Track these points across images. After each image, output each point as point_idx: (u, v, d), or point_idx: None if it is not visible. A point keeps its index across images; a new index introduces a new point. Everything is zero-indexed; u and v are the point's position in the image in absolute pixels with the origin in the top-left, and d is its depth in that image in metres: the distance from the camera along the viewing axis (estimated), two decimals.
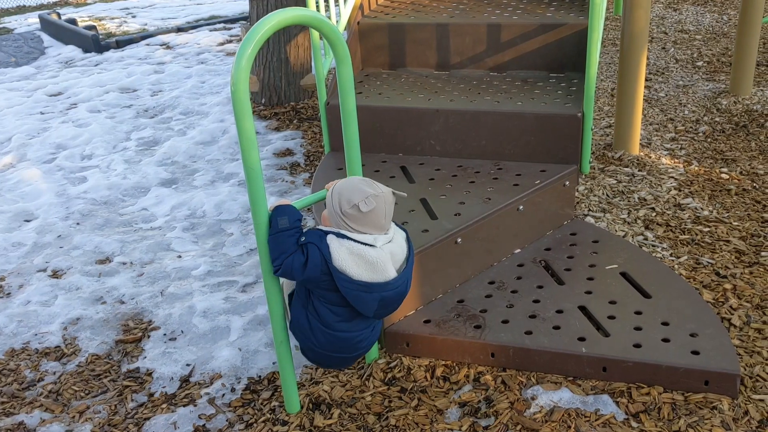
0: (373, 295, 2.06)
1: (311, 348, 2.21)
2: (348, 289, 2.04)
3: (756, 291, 2.77)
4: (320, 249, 2.02)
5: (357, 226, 2.05)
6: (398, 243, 2.13)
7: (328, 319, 2.13)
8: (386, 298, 2.08)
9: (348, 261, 2.02)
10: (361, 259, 2.03)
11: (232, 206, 3.90)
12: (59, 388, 2.63)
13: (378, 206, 2.05)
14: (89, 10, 10.31)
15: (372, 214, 2.04)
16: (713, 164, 3.82)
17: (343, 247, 2.03)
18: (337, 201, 2.07)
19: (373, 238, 2.06)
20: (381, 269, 2.04)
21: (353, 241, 2.04)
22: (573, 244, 3.05)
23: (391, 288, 2.08)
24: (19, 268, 3.46)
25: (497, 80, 3.76)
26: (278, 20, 1.97)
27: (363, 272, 2.03)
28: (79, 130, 5.18)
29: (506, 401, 2.34)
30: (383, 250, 2.05)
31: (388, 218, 2.10)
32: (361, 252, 2.02)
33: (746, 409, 2.22)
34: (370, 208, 2.03)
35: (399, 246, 2.13)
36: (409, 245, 2.18)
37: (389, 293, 2.08)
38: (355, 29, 4.00)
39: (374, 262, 2.03)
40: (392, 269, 2.07)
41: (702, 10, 6.99)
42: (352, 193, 2.05)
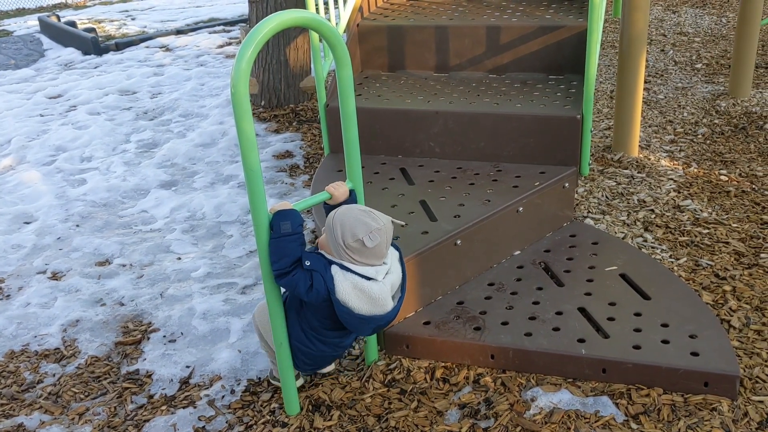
0: (370, 325, 2.13)
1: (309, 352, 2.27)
2: (346, 319, 2.10)
3: (755, 293, 2.77)
4: (324, 279, 2.05)
5: (360, 258, 2.08)
6: (395, 270, 2.18)
7: (321, 329, 2.22)
8: (381, 324, 2.16)
9: (351, 295, 2.06)
10: (364, 294, 2.07)
11: (231, 208, 3.90)
12: (59, 390, 2.63)
13: (381, 239, 2.07)
14: (89, 13, 10.32)
15: (376, 248, 2.07)
16: (712, 166, 3.82)
17: (348, 281, 2.06)
18: (339, 233, 2.08)
19: (375, 270, 2.10)
20: (381, 303, 2.10)
21: (357, 275, 2.07)
22: (572, 245, 3.06)
23: (386, 318, 2.15)
24: (19, 270, 3.46)
25: (496, 82, 3.77)
26: (278, 22, 1.97)
27: (364, 306, 2.08)
28: (78, 132, 5.18)
29: (506, 403, 2.34)
30: (384, 284, 2.10)
31: (388, 248, 2.15)
32: (364, 287, 2.06)
33: (746, 411, 2.22)
34: (375, 243, 2.05)
35: (396, 273, 2.17)
36: (402, 266, 2.22)
37: (383, 322, 2.16)
38: (354, 31, 4.01)
39: (376, 298, 2.08)
40: (391, 301, 2.13)
41: (701, 13, 7.00)
42: (355, 227, 2.06)
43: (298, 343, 2.25)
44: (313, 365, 2.36)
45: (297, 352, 2.27)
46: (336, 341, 2.28)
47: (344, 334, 2.26)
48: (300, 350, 2.26)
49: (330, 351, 2.30)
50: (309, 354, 2.27)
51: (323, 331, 2.23)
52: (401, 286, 2.20)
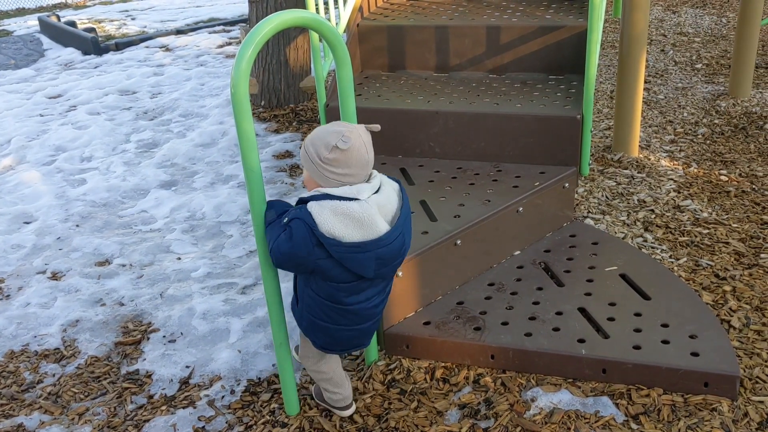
0: (368, 255, 1.94)
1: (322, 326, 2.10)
2: (341, 253, 1.92)
3: (755, 293, 2.77)
4: (304, 220, 1.90)
5: (342, 169, 1.94)
6: (386, 194, 2.00)
7: (336, 297, 2.04)
8: (382, 255, 1.97)
9: (333, 222, 1.89)
10: (347, 218, 1.90)
11: (231, 208, 3.90)
12: (58, 390, 2.63)
13: (355, 141, 1.93)
14: (88, 13, 10.32)
15: (353, 150, 1.92)
16: (712, 166, 3.82)
17: (325, 209, 1.90)
18: (314, 151, 1.95)
19: (357, 189, 1.93)
20: (369, 224, 1.91)
21: (335, 198, 1.91)
22: (572, 245, 3.05)
23: (384, 244, 1.95)
24: (19, 270, 3.46)
25: (496, 82, 3.77)
26: (278, 22, 1.97)
27: (352, 231, 1.91)
28: (78, 132, 5.18)
29: (506, 403, 2.34)
30: (368, 203, 1.92)
31: (370, 152, 1.98)
32: (345, 209, 1.89)
33: (746, 411, 2.22)
34: (349, 145, 1.91)
35: (387, 197, 1.99)
36: (402, 196, 2.05)
37: (384, 250, 1.96)
38: (354, 31, 4.01)
39: (360, 219, 1.90)
40: (382, 222, 1.94)
41: (701, 13, 7.00)
42: (326, 137, 1.95)
43: (312, 317, 2.10)
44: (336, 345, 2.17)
45: (314, 328, 2.12)
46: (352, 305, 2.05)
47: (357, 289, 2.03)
48: (316, 325, 2.10)
49: (344, 321, 2.08)
50: (324, 329, 2.10)
51: (337, 295, 2.03)
52: (401, 212, 2.01)
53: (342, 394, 2.33)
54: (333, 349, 2.19)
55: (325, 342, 2.15)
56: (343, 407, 2.35)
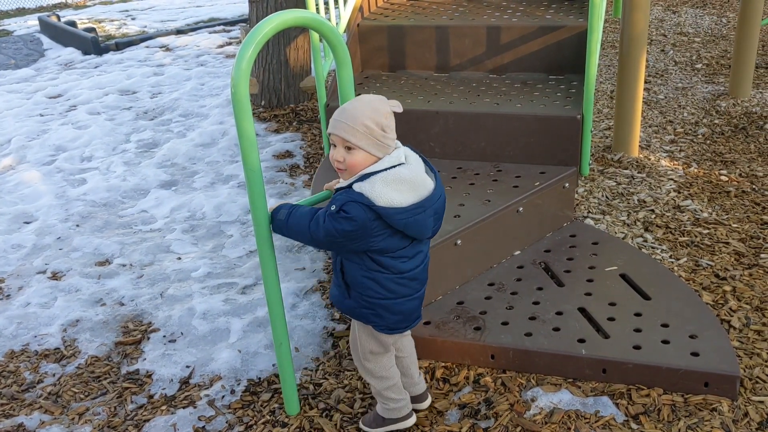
0: (428, 212, 1.95)
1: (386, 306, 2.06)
2: (404, 219, 1.90)
3: (755, 293, 2.77)
4: (357, 201, 1.87)
5: (393, 133, 1.94)
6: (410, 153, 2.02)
7: (396, 267, 2.01)
8: (438, 209, 1.99)
9: (389, 192, 1.87)
10: (400, 183, 1.89)
11: (231, 208, 3.90)
12: (59, 390, 2.63)
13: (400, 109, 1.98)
14: (89, 13, 10.32)
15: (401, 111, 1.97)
16: (712, 166, 3.82)
17: (376, 183, 1.87)
18: (373, 123, 1.90)
19: (395, 156, 1.93)
20: (421, 183, 1.92)
21: (380, 171, 1.90)
22: (572, 245, 3.06)
23: (437, 197, 1.97)
24: (19, 270, 3.46)
25: (497, 82, 3.77)
26: (278, 22, 1.97)
27: (408, 195, 1.90)
28: (78, 132, 5.18)
29: (506, 403, 2.34)
30: (410, 162, 1.95)
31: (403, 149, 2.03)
32: (395, 176, 1.89)
33: (746, 411, 2.22)
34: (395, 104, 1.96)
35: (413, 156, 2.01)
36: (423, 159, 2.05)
37: (438, 204, 1.98)
38: (354, 31, 4.01)
39: (413, 180, 1.90)
40: (428, 178, 1.95)
41: (701, 13, 7.00)
42: (375, 107, 1.92)
43: (374, 299, 2.05)
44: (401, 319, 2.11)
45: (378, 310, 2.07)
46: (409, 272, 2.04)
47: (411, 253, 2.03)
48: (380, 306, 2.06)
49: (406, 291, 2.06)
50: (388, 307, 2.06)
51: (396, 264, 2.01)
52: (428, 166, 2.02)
53: (406, 399, 2.27)
54: (401, 326, 2.12)
55: (394, 321, 2.09)
56: (406, 415, 2.27)
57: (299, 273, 3.21)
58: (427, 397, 2.37)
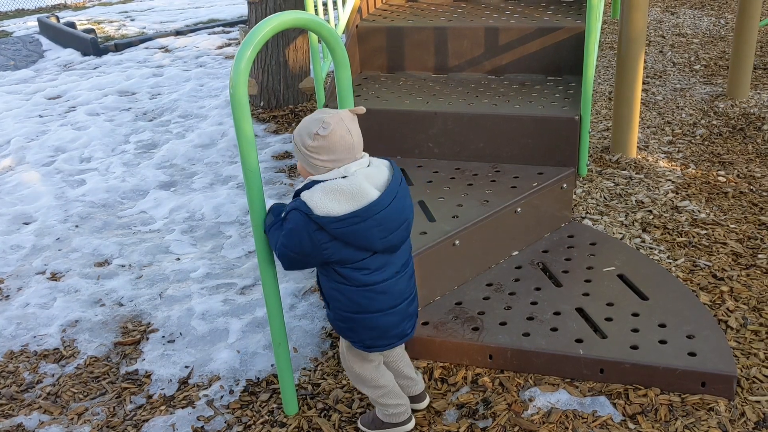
0: (367, 223, 1.92)
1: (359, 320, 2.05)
2: (340, 229, 1.91)
3: (753, 293, 2.78)
4: (299, 209, 1.91)
5: (327, 155, 1.94)
6: (375, 166, 2.01)
7: (358, 279, 2.01)
8: (382, 221, 1.94)
9: (325, 201, 1.90)
10: (337, 193, 1.91)
11: (230, 209, 3.91)
12: (58, 390, 2.63)
13: (336, 125, 1.93)
14: (88, 14, 10.32)
15: (334, 134, 1.92)
16: (710, 167, 3.83)
17: (316, 192, 1.92)
18: (300, 140, 1.97)
19: (344, 168, 1.95)
20: (359, 193, 1.91)
21: (323, 182, 1.93)
22: (570, 246, 3.06)
23: (380, 208, 1.93)
24: (18, 271, 3.46)
25: (495, 83, 3.78)
26: (277, 23, 1.98)
27: (344, 205, 1.90)
28: (77, 133, 5.19)
29: (504, 403, 2.34)
30: (356, 176, 1.93)
31: (355, 135, 1.97)
32: (333, 186, 1.91)
33: (743, 411, 2.23)
34: (330, 130, 1.91)
35: (377, 169, 1.99)
36: (393, 169, 2.03)
37: (381, 215, 1.93)
38: (353, 32, 4.01)
39: (350, 190, 1.91)
40: (371, 189, 1.93)
41: (699, 14, 7.01)
42: (308, 126, 1.96)
43: (346, 312, 2.06)
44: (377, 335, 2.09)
45: (352, 325, 2.08)
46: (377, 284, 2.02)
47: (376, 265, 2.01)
48: (353, 320, 2.06)
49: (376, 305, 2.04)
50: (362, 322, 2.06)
51: (360, 276, 2.01)
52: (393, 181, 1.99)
53: (404, 404, 2.26)
54: (379, 344, 2.11)
55: (369, 337, 2.09)
56: (406, 420, 2.27)
57: (298, 274, 3.22)
58: (426, 397, 2.37)
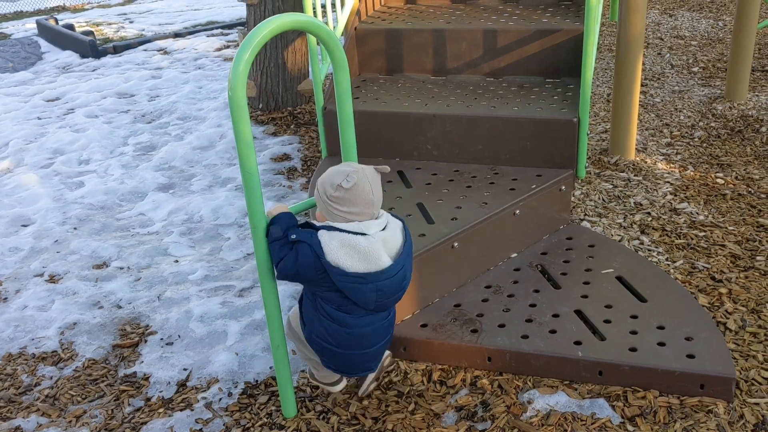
0: (369, 286, 2.04)
1: (334, 350, 2.17)
2: (343, 283, 2.02)
3: (751, 295, 2.78)
4: (312, 246, 2.00)
5: (347, 207, 2.04)
6: (392, 231, 2.10)
7: (341, 319, 2.12)
8: (383, 287, 2.06)
9: (340, 253, 2.00)
10: (353, 250, 2.00)
11: (229, 211, 3.90)
12: (56, 393, 2.63)
13: (360, 180, 2.02)
14: (86, 16, 10.32)
15: (356, 189, 2.02)
16: (709, 169, 3.84)
17: (334, 240, 2.01)
18: (322, 189, 2.08)
19: (366, 225, 2.04)
20: (374, 258, 2.02)
21: (344, 232, 2.02)
22: (569, 248, 3.06)
23: (386, 277, 2.05)
24: (16, 273, 3.46)
25: (493, 85, 3.78)
26: (275, 26, 1.98)
27: (356, 263, 2.01)
28: (76, 135, 5.18)
29: (503, 405, 2.34)
30: (375, 238, 2.03)
31: (376, 193, 2.07)
32: (352, 242, 2.00)
33: (741, 413, 2.23)
34: (353, 183, 2.01)
35: (393, 234, 2.10)
36: (405, 234, 2.15)
37: (385, 282, 2.05)
38: (352, 35, 4.02)
39: (366, 252, 2.01)
40: (386, 257, 2.05)
41: (697, 16, 7.02)
42: (333, 176, 2.06)
43: (320, 341, 2.18)
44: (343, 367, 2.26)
45: (322, 352, 2.21)
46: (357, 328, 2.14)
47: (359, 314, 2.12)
48: (324, 349, 2.19)
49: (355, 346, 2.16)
50: (334, 353, 2.18)
51: (339, 316, 2.12)
52: (403, 248, 2.11)
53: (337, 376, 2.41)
54: (342, 372, 2.30)
55: (335, 365, 2.25)
56: (335, 382, 2.41)
57: None
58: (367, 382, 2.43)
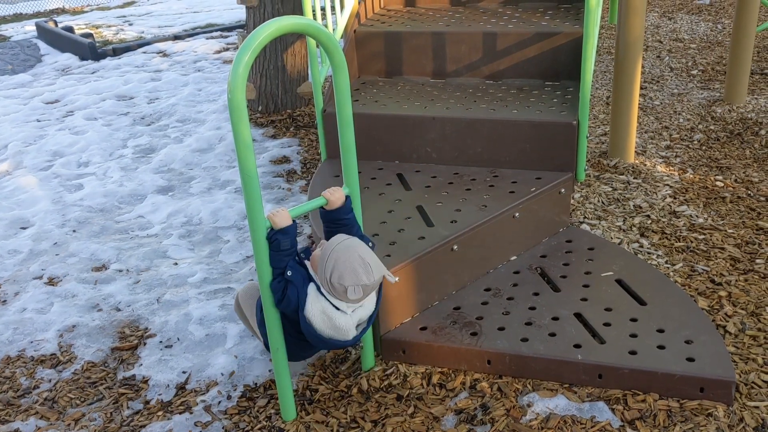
0: (326, 344, 2.28)
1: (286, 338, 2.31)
2: (307, 333, 2.18)
3: (751, 298, 2.78)
4: (299, 293, 2.14)
5: (337, 297, 2.15)
6: (369, 303, 2.23)
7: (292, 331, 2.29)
8: (336, 346, 2.30)
9: (317, 317, 2.14)
10: (330, 321, 2.15)
11: (228, 213, 3.90)
12: (55, 396, 2.62)
13: (364, 293, 2.15)
14: (86, 18, 10.33)
15: (355, 299, 2.15)
16: (708, 172, 3.84)
17: (318, 303, 2.14)
18: (330, 268, 2.13)
19: (346, 305, 2.17)
20: (343, 333, 2.18)
21: (329, 302, 2.15)
22: (568, 251, 3.06)
23: (344, 344, 2.25)
24: (15, 276, 3.45)
25: (493, 88, 3.78)
26: (275, 28, 1.98)
27: (326, 330, 2.17)
28: (75, 137, 5.18)
29: (502, 408, 2.34)
30: (352, 317, 2.18)
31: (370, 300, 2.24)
32: (331, 315, 2.15)
33: (741, 416, 2.23)
34: (357, 297, 2.12)
35: (368, 307, 2.24)
36: (378, 297, 2.28)
37: (340, 345, 2.27)
38: (351, 37, 4.02)
39: (340, 327, 2.16)
40: (354, 331, 2.21)
41: (697, 19, 7.03)
42: (345, 272, 2.11)
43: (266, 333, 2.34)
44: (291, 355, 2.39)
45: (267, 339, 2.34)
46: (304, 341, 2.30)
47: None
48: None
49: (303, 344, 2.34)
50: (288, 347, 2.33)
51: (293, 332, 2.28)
52: (370, 318, 2.26)
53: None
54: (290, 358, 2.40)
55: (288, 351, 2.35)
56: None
57: None
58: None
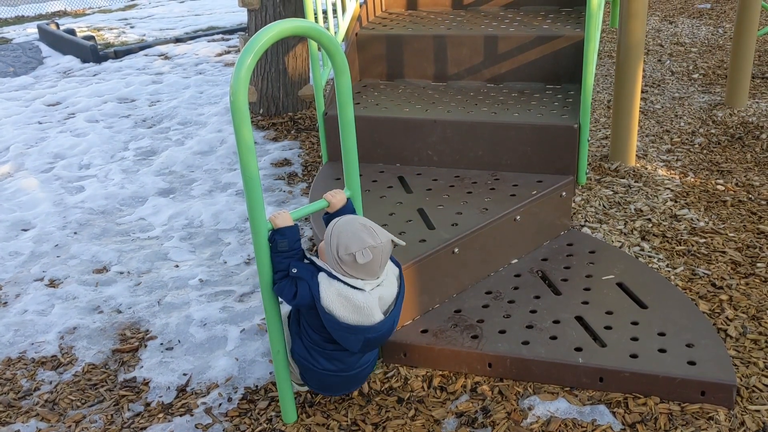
0: (358, 336, 2.10)
1: (313, 369, 2.25)
2: (332, 328, 2.09)
3: (752, 302, 2.77)
4: (310, 286, 2.07)
5: (350, 271, 2.08)
6: (389, 283, 2.15)
7: (321, 341, 2.20)
8: (370, 339, 2.12)
9: (335, 303, 2.06)
10: (349, 302, 2.06)
11: (229, 216, 3.90)
12: (55, 398, 2.62)
13: (375, 257, 2.06)
14: (88, 21, 10.34)
15: (368, 264, 2.06)
16: (709, 176, 3.84)
17: (332, 287, 2.06)
18: (335, 243, 2.08)
19: (363, 282, 2.09)
20: (367, 314, 2.07)
21: (343, 283, 2.07)
22: (570, 254, 3.06)
23: (375, 331, 2.11)
24: (16, 277, 3.45)
25: (494, 91, 3.78)
26: (277, 31, 1.98)
27: (349, 315, 2.07)
28: (77, 139, 5.19)
29: (503, 411, 2.34)
30: (372, 295, 2.08)
31: (383, 266, 2.12)
32: (349, 295, 2.06)
33: (742, 420, 2.22)
34: (367, 260, 2.04)
35: (389, 287, 2.15)
36: (400, 283, 2.20)
37: (373, 335, 2.11)
38: (353, 40, 4.02)
39: (361, 307, 2.06)
40: (378, 313, 2.10)
41: (698, 23, 7.04)
42: (350, 240, 2.06)
43: (301, 359, 2.26)
44: (321, 386, 2.33)
45: (302, 369, 2.29)
46: (338, 356, 2.22)
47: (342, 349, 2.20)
48: (304, 367, 2.27)
49: (334, 369, 2.24)
50: (313, 371, 2.25)
51: (323, 344, 2.20)
52: (396, 302, 2.17)
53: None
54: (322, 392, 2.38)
55: (315, 385, 2.33)
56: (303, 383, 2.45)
57: None
58: None
